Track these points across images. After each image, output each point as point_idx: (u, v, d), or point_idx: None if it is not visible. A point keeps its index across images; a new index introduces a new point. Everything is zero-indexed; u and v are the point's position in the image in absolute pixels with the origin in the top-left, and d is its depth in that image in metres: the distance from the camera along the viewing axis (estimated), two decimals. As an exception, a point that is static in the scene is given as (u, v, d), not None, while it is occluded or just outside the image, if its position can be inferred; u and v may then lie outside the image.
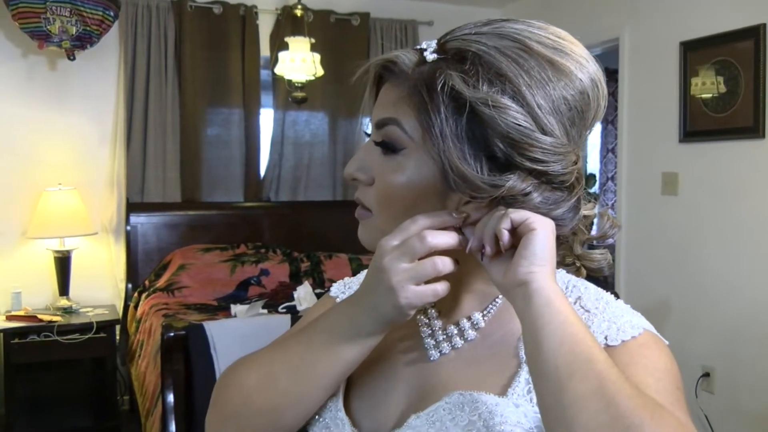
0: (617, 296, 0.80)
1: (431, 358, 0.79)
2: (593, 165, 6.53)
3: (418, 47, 0.74)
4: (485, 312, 0.78)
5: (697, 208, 3.51)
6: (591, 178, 6.22)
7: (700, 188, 3.51)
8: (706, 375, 3.44)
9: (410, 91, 0.71)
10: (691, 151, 3.55)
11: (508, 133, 0.67)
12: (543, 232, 0.65)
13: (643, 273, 3.88)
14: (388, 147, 0.73)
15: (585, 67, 0.73)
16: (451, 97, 0.68)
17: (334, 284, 0.96)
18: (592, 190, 6.15)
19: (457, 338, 0.78)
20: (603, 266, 0.79)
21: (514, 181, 0.68)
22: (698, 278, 3.51)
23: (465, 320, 0.78)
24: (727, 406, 3.36)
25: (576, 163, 0.72)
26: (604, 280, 5.64)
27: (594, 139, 6.56)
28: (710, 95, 3.41)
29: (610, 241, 0.81)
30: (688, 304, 3.57)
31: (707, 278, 3.46)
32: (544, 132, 0.68)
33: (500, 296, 0.78)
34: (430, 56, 0.72)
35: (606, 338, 0.71)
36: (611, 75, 5.91)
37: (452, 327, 0.79)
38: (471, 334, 0.78)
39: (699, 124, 3.48)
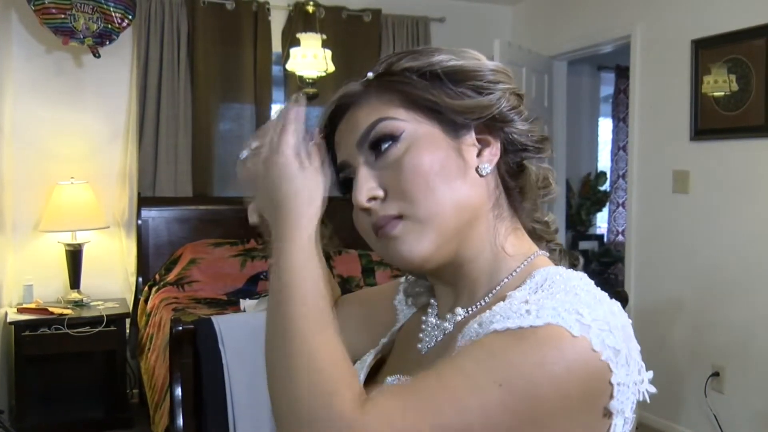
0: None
1: (422, 352, 0.84)
2: (604, 162, 6.49)
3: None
4: (469, 309, 0.80)
5: (708, 207, 3.49)
6: (602, 175, 6.18)
7: (711, 186, 3.49)
8: (716, 374, 3.42)
9: (377, 93, 0.79)
10: (703, 149, 3.53)
11: (468, 73, 0.78)
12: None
13: (654, 271, 3.86)
14: (386, 139, 0.77)
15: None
16: (414, 73, 0.78)
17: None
18: (603, 188, 6.12)
19: (442, 332, 0.82)
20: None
21: (499, 98, 0.78)
22: (709, 277, 3.49)
23: (450, 315, 0.82)
24: (736, 406, 3.34)
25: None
26: (615, 278, 5.62)
27: (605, 136, 6.52)
28: (722, 93, 3.39)
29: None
30: (698, 303, 3.55)
31: (718, 277, 3.44)
32: (482, 61, 0.81)
33: (487, 297, 0.79)
34: (370, 74, 0.81)
35: (502, 319, 0.66)
36: (623, 72, 5.88)
37: (442, 322, 0.83)
38: (449, 327, 0.81)
39: (710, 123, 3.47)
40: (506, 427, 0.62)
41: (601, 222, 6.49)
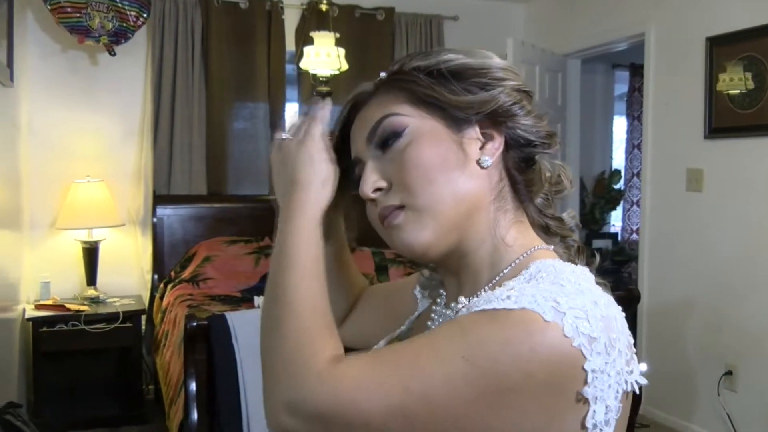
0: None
1: None
2: (618, 161, 6.47)
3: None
4: (470, 298, 0.82)
5: (722, 205, 3.48)
6: (616, 173, 6.16)
7: (725, 185, 3.47)
8: (729, 373, 3.41)
9: (387, 91, 0.83)
10: (717, 147, 3.51)
11: (473, 70, 0.81)
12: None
13: (667, 270, 3.84)
14: (392, 134, 0.81)
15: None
16: (422, 72, 0.81)
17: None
18: (617, 186, 6.10)
19: (446, 320, 0.85)
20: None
21: (500, 93, 0.80)
22: (722, 276, 3.47)
23: (453, 303, 0.84)
24: (750, 405, 3.32)
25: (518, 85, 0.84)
26: (628, 276, 5.59)
27: (619, 134, 6.49)
28: (737, 91, 3.37)
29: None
30: (711, 302, 3.54)
31: (731, 276, 3.42)
32: (491, 59, 0.83)
33: (487, 286, 0.81)
34: (383, 75, 0.85)
35: (485, 303, 0.69)
36: (637, 70, 5.85)
37: (447, 310, 0.86)
38: (452, 315, 0.83)
39: (725, 121, 3.45)
40: (467, 398, 0.65)
41: (616, 220, 6.46)
